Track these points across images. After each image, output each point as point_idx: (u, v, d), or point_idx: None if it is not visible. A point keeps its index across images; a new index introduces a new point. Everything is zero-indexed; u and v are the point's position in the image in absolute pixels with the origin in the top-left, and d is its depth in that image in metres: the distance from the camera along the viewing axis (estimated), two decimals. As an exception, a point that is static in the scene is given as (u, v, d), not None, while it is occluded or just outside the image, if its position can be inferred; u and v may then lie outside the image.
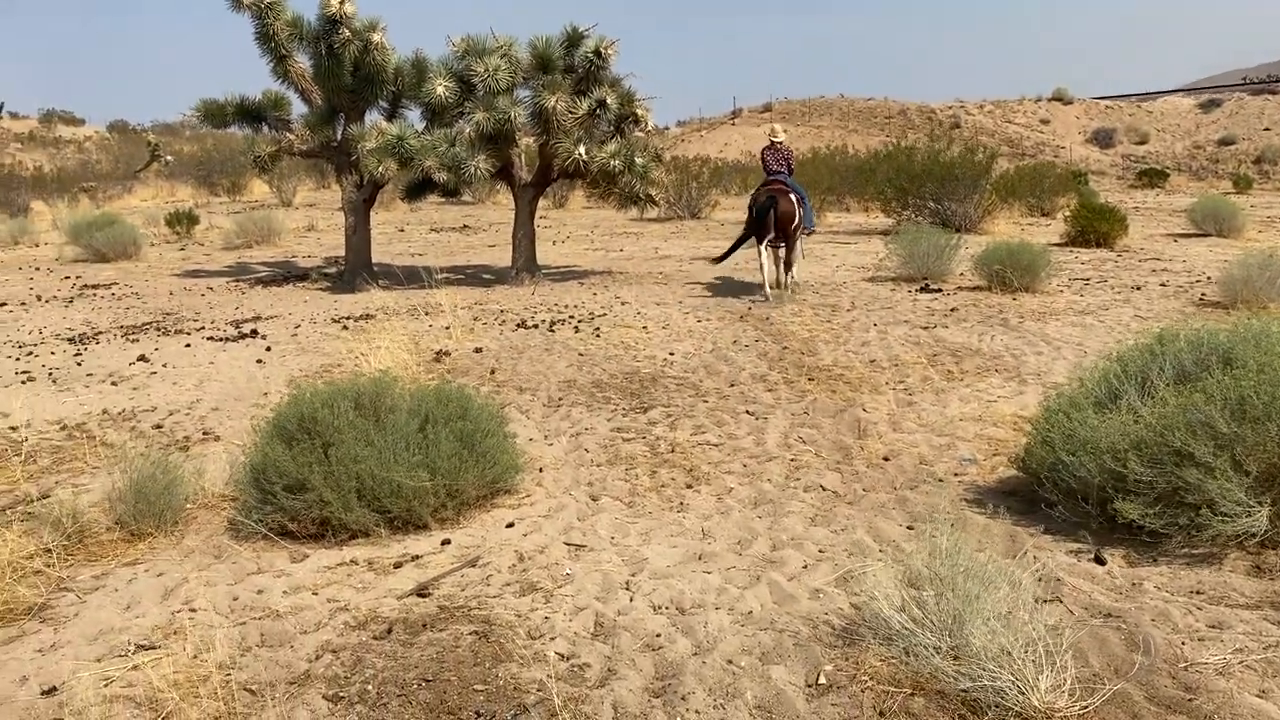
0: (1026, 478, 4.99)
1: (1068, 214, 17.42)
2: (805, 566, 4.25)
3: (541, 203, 15.44)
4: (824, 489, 5.28)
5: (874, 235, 18.09)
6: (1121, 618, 3.65)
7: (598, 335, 9.38)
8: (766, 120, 56.25)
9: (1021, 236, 15.47)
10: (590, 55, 12.47)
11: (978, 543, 4.24)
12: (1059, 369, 7.65)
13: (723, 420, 6.55)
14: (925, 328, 9.30)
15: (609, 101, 12.27)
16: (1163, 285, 11.68)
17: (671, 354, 8.50)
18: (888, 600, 3.48)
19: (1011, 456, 5.42)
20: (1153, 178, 38.55)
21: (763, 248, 11.09)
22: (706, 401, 7.01)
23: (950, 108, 58.12)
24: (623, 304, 11.08)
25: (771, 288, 11.29)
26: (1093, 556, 4.20)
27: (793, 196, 11.02)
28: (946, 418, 6.50)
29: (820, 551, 4.42)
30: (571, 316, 10.39)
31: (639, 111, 12.82)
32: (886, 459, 5.73)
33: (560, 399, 7.26)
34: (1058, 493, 4.58)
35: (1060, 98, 58.49)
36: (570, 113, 12.24)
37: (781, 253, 11.60)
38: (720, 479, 5.45)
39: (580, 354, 8.62)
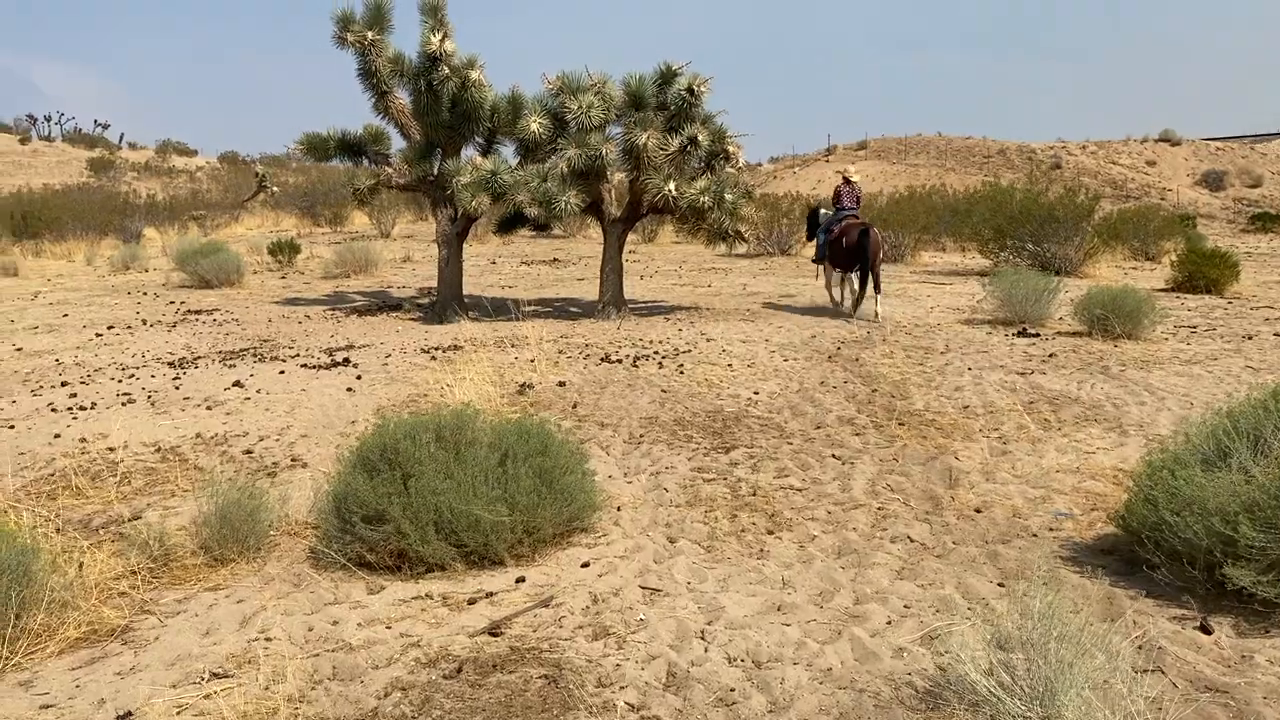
0: (1126, 536, 4.73)
1: (1174, 259, 16.80)
2: (889, 622, 4.09)
3: (631, 237, 15.49)
4: (911, 540, 5.10)
5: (970, 276, 17.70)
6: (1230, 693, 3.40)
7: (681, 372, 9.30)
8: (861, 157, 55.92)
9: (1124, 281, 14.97)
10: (683, 92, 12.51)
11: (1073, 604, 4.03)
12: (1163, 421, 7.31)
13: (807, 464, 6.40)
14: (1022, 373, 9.00)
15: (700, 138, 12.27)
16: (1277, 335, 11.13)
17: (756, 393, 8.37)
18: (974, 663, 3.31)
19: (1111, 513, 5.16)
20: (1266, 222, 36.99)
21: (850, 274, 12.88)
22: (791, 444, 6.87)
23: (1051, 147, 56.91)
24: (708, 340, 11.00)
25: (849, 310, 12.87)
26: (1198, 625, 3.95)
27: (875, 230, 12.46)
28: (1042, 469, 6.25)
29: (906, 607, 4.25)
30: (656, 352, 10.35)
31: (730, 148, 12.80)
32: (978, 511, 5.52)
33: (641, 436, 7.19)
34: (1160, 554, 4.32)
35: (1168, 139, 56.84)
36: (661, 149, 12.27)
37: (854, 278, 12.88)
38: (803, 526, 5.30)
39: (663, 390, 8.55)
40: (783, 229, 23.37)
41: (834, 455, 6.59)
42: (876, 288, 12.30)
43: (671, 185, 12.09)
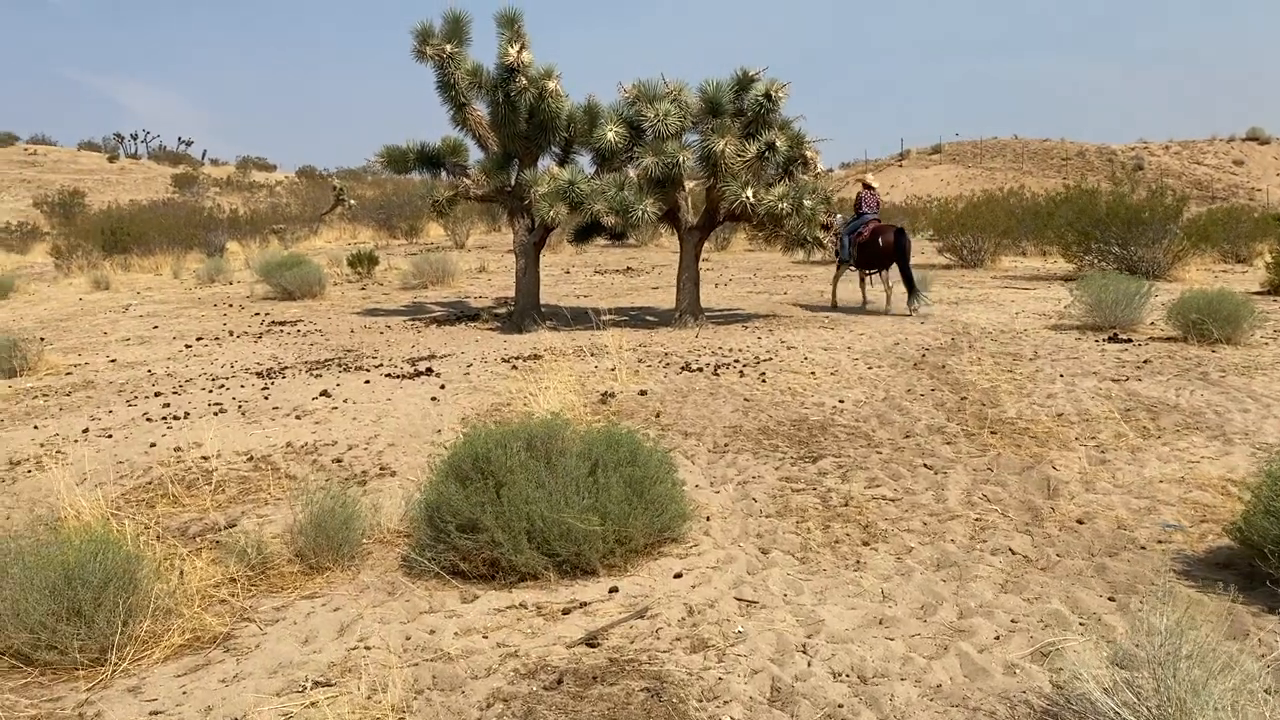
0: (1244, 550, 4.53)
1: (1268, 260, 16.20)
2: (997, 637, 3.95)
3: (704, 245, 15.44)
4: (1013, 552, 4.94)
5: (1053, 280, 17.29)
6: (1371, 718, 3.21)
7: (763, 380, 9.20)
8: (935, 161, 55.14)
9: (1216, 284, 14.47)
10: (760, 99, 12.41)
11: (1191, 620, 3.86)
12: (1270, 429, 7.02)
13: (899, 474, 6.26)
14: (1116, 380, 8.73)
15: (778, 144, 12.16)
16: (1386, 339, 10.64)
17: (841, 401, 8.24)
18: (1095, 681, 3.17)
19: (1225, 525, 4.95)
20: (1364, 222, 35.53)
21: (876, 273, 14.24)
22: (880, 453, 6.74)
23: (1132, 148, 55.53)
24: (789, 348, 10.87)
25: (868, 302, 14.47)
26: (1330, 644, 3.75)
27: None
28: (1145, 478, 6.03)
29: (1013, 621, 4.11)
30: (736, 360, 10.26)
31: (808, 154, 12.68)
32: (1080, 522, 5.34)
33: (726, 445, 7.11)
34: (1285, 569, 4.12)
35: (1256, 137, 55.08)
36: (739, 156, 12.19)
37: (876, 278, 14.36)
38: (899, 537, 5.18)
39: (746, 399, 8.46)
40: (859, 235, 23.06)
41: (926, 465, 6.44)
42: (907, 284, 13.43)
43: (749, 192, 12.00)
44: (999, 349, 10.44)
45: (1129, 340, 10.82)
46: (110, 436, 8.02)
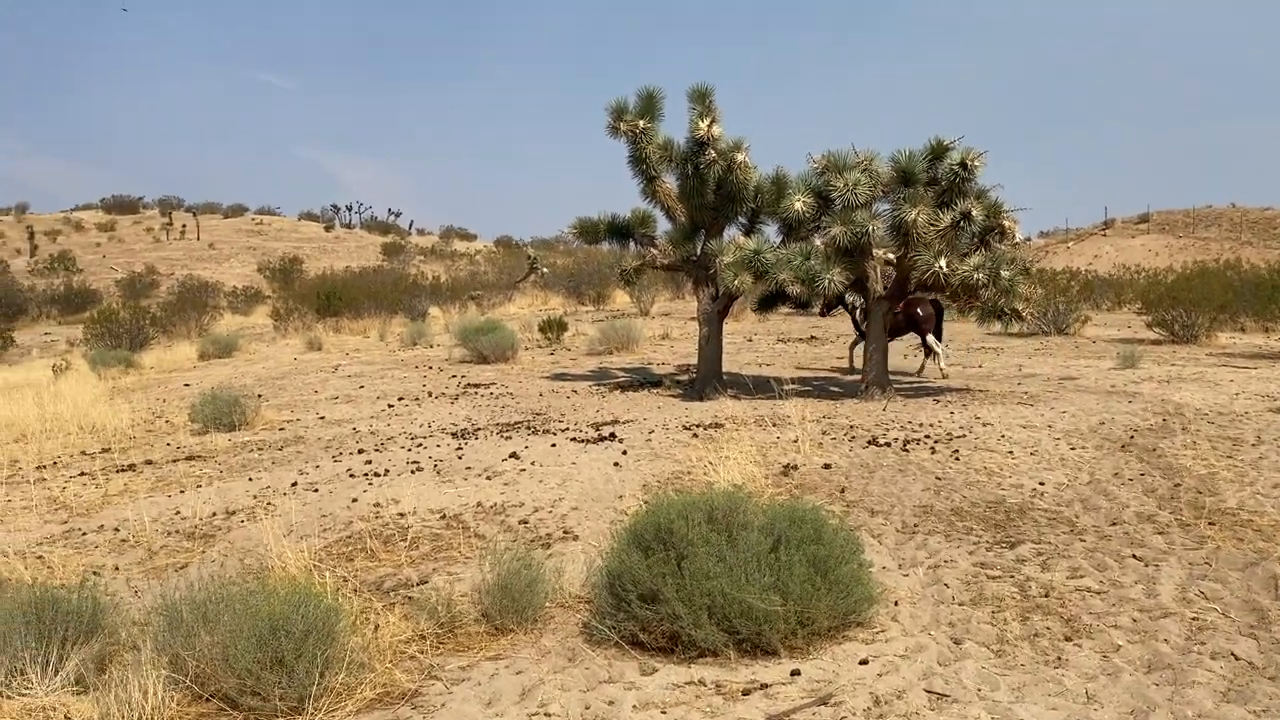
0: None
1: None
2: (1220, 754, 3.60)
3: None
4: (1236, 657, 4.51)
5: (1278, 360, 15.98)
6: None
7: (956, 458, 8.85)
8: (1142, 231, 52.42)
9: None
10: (955, 167, 12.14)
11: None
12: None
13: (1104, 564, 5.85)
14: (1355, 471, 7.93)
15: (974, 213, 11.83)
16: None
17: (1041, 484, 7.81)
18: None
19: None
20: None
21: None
22: (1084, 540, 6.32)
23: (1370, 216, 51.10)
24: (984, 425, 10.43)
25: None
26: None
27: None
28: (1394, 584, 5.41)
29: (1238, 737, 3.74)
30: (927, 436, 9.92)
31: (1006, 223, 12.26)
32: (1316, 628, 4.83)
33: (915, 526, 6.85)
34: None
35: None
36: (931, 225, 11.93)
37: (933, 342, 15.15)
38: (1104, 633, 4.82)
39: (937, 478, 8.14)
40: (1059, 307, 22.08)
41: (1134, 555, 6.00)
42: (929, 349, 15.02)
43: (943, 262, 11.70)
44: (1217, 432, 9.69)
45: (1370, 426, 9.83)
46: (316, 490, 8.49)
